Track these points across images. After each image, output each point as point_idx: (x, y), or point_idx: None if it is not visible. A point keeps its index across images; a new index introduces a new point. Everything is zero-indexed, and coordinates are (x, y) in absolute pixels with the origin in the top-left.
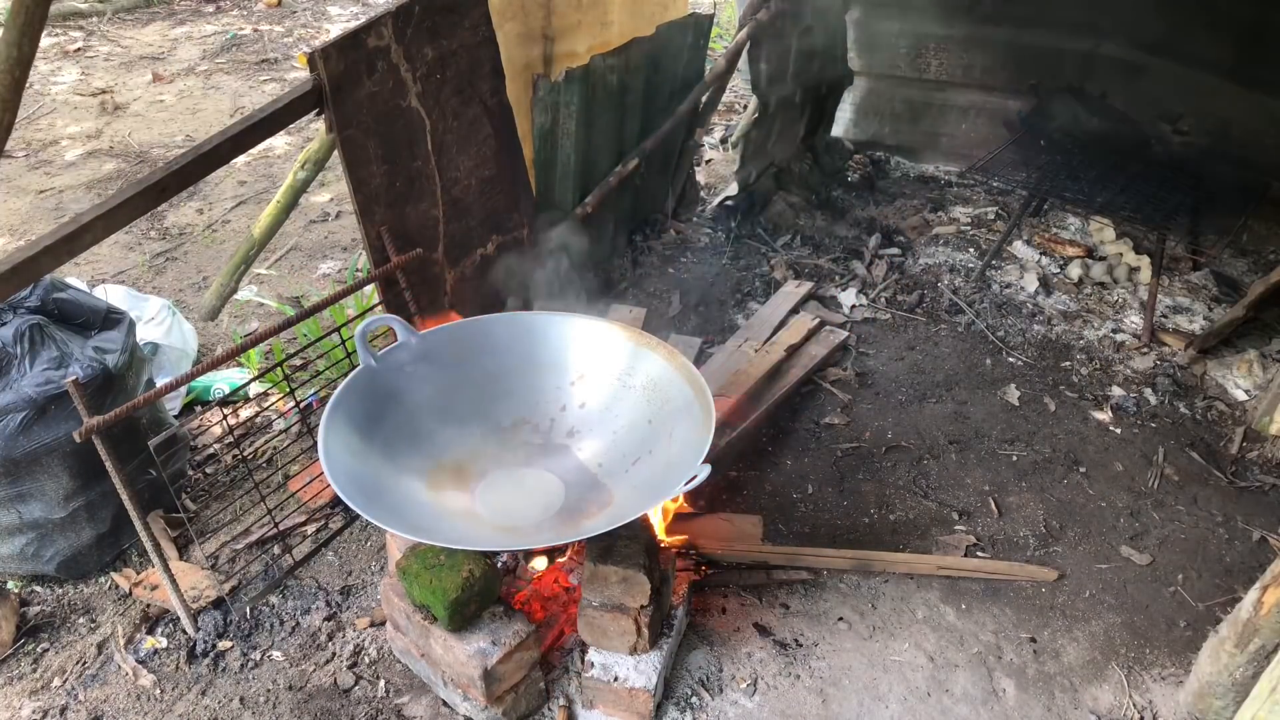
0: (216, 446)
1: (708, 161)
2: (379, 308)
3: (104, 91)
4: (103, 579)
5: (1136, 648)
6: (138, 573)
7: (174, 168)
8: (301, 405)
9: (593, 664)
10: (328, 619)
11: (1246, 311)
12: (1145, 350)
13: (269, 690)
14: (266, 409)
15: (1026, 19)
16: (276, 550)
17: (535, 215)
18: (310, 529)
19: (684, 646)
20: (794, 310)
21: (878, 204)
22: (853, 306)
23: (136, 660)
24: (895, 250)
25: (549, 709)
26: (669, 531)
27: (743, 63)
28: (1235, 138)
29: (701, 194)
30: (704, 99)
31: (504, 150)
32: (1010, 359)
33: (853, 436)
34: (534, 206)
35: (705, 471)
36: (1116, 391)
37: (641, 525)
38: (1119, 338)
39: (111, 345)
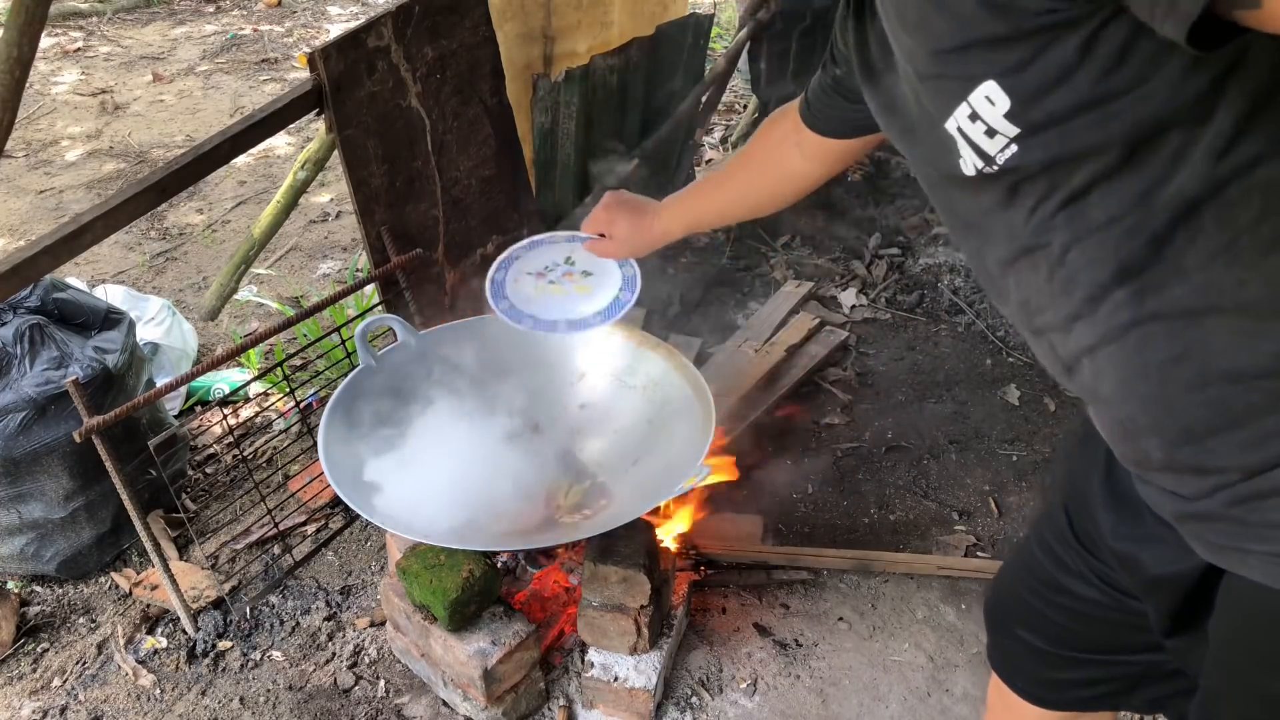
0: (216, 446)
1: (708, 161)
2: (379, 308)
3: (104, 91)
4: (103, 579)
5: None
6: (138, 573)
7: (174, 168)
8: (301, 405)
9: (593, 664)
10: (328, 619)
11: None
12: None
13: (269, 690)
14: (266, 409)
15: None
16: (276, 550)
17: (535, 215)
18: (310, 529)
19: (684, 646)
20: (794, 310)
21: (878, 204)
22: (853, 306)
23: (136, 660)
24: (895, 250)
25: (549, 709)
26: (668, 531)
27: (743, 63)
28: None
29: None
30: (704, 99)
31: (504, 150)
32: (1010, 359)
33: (853, 436)
34: (535, 206)
35: (705, 471)
36: None
37: (642, 525)
38: None
39: (111, 345)
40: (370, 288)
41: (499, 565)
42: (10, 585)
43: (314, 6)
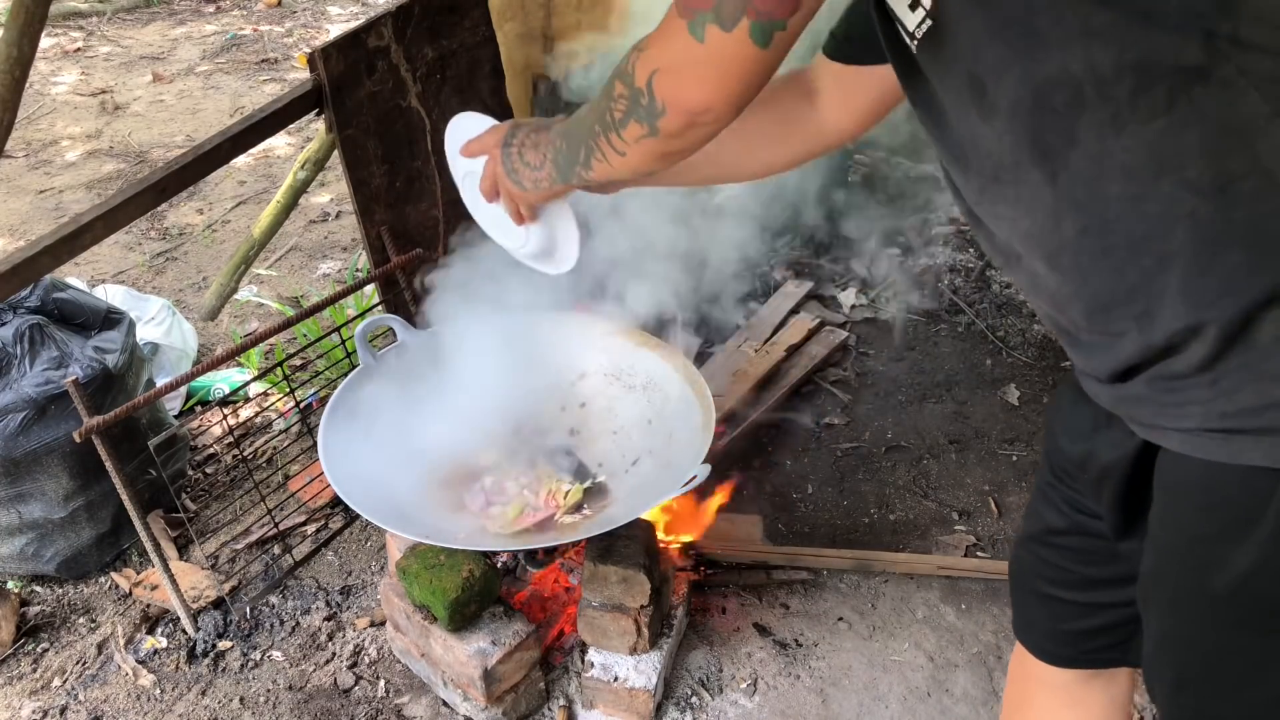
0: (216, 446)
1: None
2: (379, 308)
3: (104, 91)
4: (103, 579)
5: None
6: (138, 573)
7: (174, 168)
8: (301, 405)
9: (593, 664)
10: (328, 619)
11: None
12: None
13: (269, 690)
14: (266, 409)
15: None
16: (276, 550)
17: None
18: (310, 529)
19: (684, 646)
20: (794, 310)
21: (878, 204)
22: (853, 306)
23: (136, 660)
24: (895, 250)
25: (549, 709)
26: (668, 531)
27: None
28: None
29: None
30: None
31: None
32: (1010, 359)
33: (853, 436)
34: None
35: (705, 471)
36: None
37: (642, 525)
38: None
39: (111, 345)
40: (370, 288)
41: (499, 565)
42: (10, 585)
43: (314, 6)
